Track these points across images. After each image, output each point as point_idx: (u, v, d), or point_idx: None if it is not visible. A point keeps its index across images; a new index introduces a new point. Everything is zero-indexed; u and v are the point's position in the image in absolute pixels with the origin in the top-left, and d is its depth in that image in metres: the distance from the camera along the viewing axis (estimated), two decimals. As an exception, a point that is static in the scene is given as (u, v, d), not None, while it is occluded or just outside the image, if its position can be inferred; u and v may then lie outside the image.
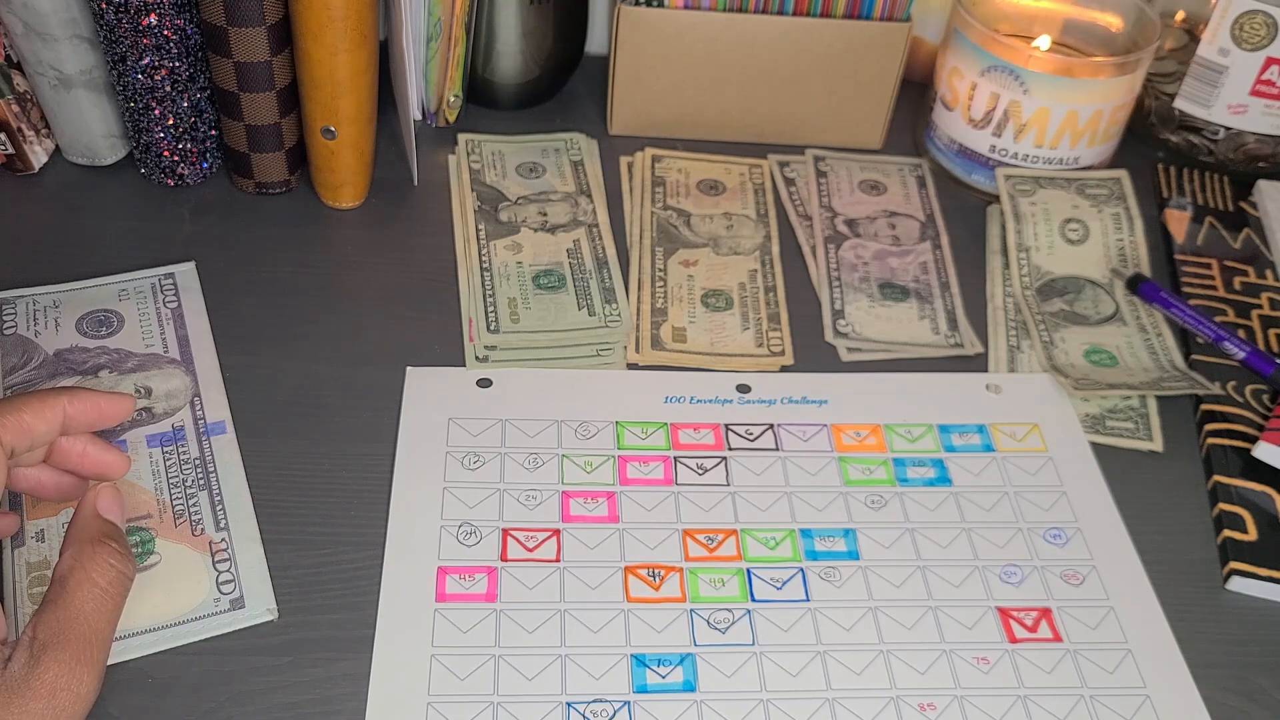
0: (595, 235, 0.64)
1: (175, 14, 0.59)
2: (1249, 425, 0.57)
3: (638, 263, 0.63)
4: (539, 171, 0.67)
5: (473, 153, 0.69)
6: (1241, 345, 0.60)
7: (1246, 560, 0.51)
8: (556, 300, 0.59)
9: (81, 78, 0.62)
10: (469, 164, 0.68)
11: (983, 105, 0.68)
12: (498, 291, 0.59)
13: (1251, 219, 0.70)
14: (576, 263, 0.62)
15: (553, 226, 0.64)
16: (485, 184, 0.67)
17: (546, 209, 0.66)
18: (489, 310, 0.58)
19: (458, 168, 0.68)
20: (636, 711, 0.44)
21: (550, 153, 0.70)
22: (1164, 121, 0.75)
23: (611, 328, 0.58)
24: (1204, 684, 0.46)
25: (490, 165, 0.68)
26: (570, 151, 0.70)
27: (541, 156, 0.69)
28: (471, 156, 0.68)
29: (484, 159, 0.68)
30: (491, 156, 0.69)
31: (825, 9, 0.68)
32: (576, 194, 0.67)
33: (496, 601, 0.47)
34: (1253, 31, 0.68)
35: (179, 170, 0.65)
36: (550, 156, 0.69)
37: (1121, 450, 0.56)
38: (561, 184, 0.68)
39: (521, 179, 0.67)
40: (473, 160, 0.68)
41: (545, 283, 0.60)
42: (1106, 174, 0.69)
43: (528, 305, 0.58)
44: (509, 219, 0.64)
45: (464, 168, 0.68)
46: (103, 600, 0.40)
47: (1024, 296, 0.63)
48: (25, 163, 0.65)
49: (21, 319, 0.56)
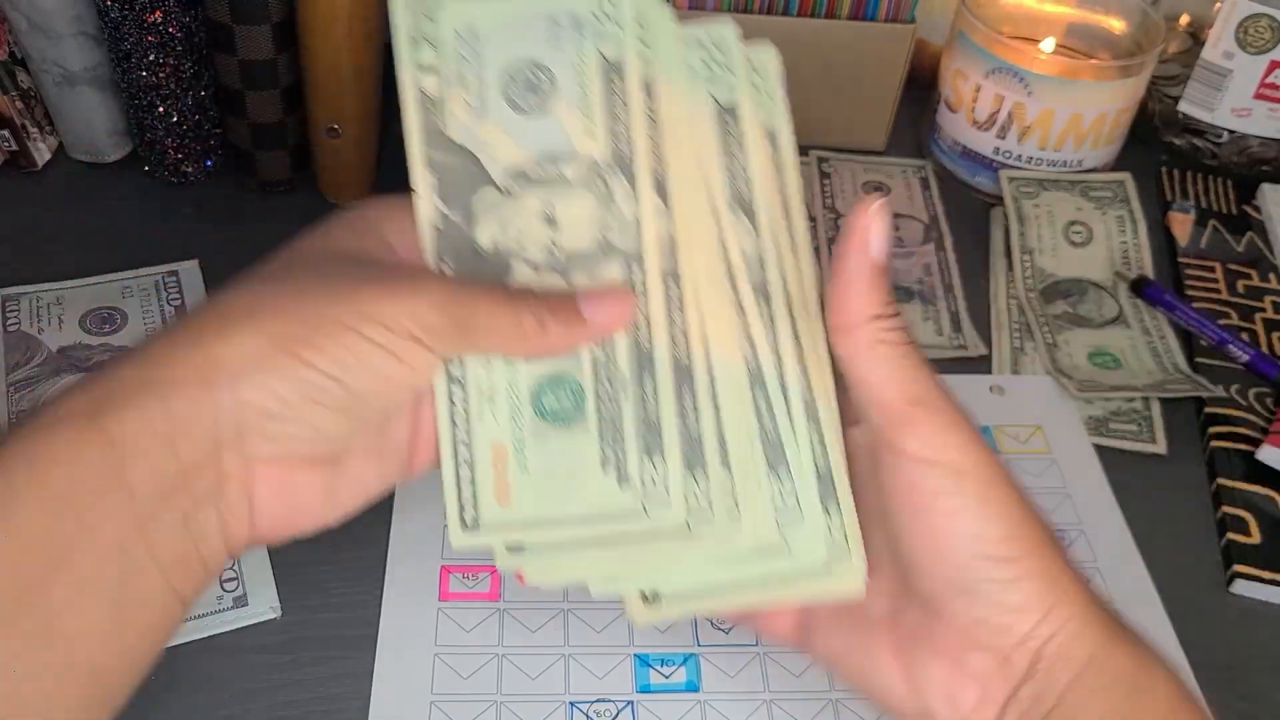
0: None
1: (180, 11, 0.59)
2: (1252, 428, 0.57)
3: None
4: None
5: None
6: (1245, 348, 0.60)
7: (1250, 563, 0.51)
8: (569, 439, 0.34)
9: (86, 74, 0.62)
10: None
11: (987, 107, 0.68)
12: (473, 432, 0.34)
13: (1255, 222, 0.70)
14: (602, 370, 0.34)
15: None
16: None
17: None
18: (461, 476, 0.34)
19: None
20: (640, 711, 0.44)
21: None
22: (1168, 124, 0.75)
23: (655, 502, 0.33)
24: (1207, 686, 0.46)
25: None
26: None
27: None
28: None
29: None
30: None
31: (829, 10, 0.68)
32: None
33: (499, 600, 0.47)
34: (1257, 35, 0.68)
35: (183, 168, 0.65)
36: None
37: (1125, 453, 0.56)
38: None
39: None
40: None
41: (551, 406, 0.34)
42: (1110, 176, 0.69)
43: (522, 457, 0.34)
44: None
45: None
46: (505, 317, 0.32)
47: (1027, 299, 0.63)
48: (29, 159, 0.65)
49: (25, 316, 0.56)
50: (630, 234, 0.33)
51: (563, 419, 0.33)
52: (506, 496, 0.33)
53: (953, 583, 0.31)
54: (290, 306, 0.30)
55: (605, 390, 0.33)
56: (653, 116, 0.33)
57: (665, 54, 0.33)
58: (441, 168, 0.33)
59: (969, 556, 0.30)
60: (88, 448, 0.28)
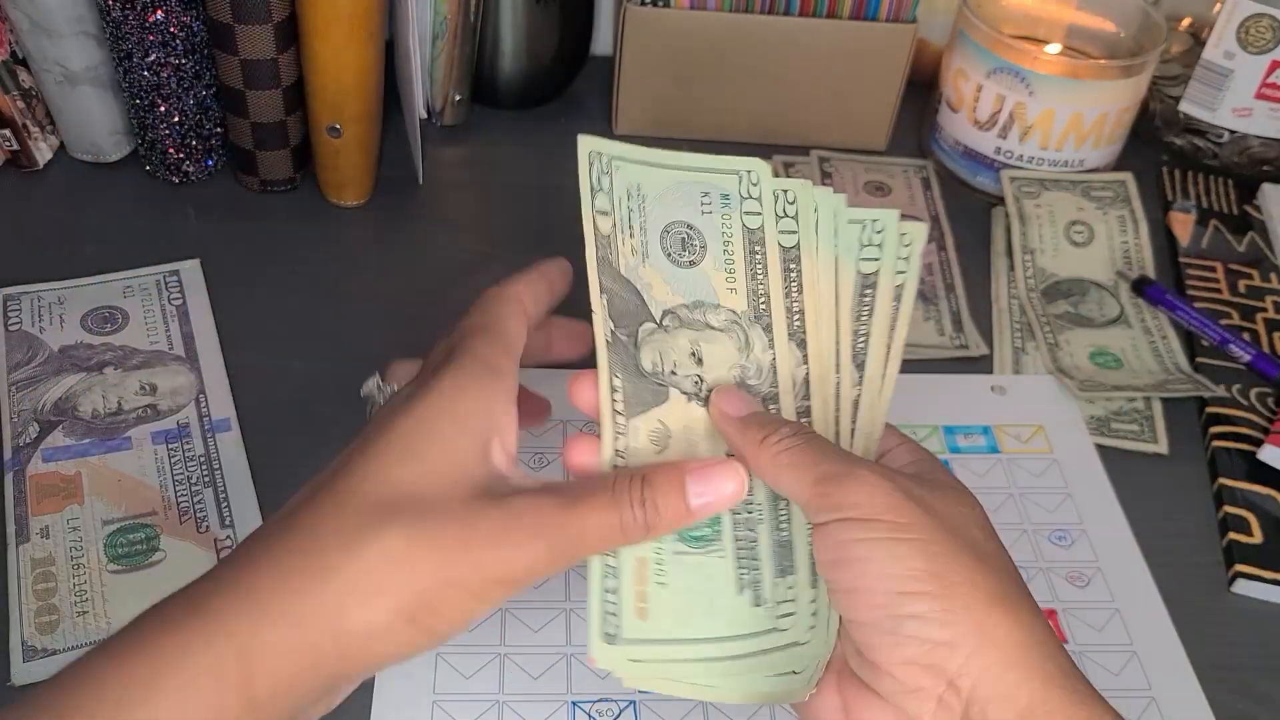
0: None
1: (181, 10, 0.59)
2: (1254, 428, 0.57)
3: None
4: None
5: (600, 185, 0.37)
6: (1247, 348, 0.60)
7: (1251, 563, 0.51)
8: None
9: (87, 74, 0.62)
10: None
11: (988, 107, 0.68)
12: (621, 550, 0.35)
13: (1256, 222, 0.70)
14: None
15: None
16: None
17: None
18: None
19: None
20: (641, 711, 0.44)
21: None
22: (1169, 124, 0.75)
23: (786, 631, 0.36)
24: (1209, 686, 0.46)
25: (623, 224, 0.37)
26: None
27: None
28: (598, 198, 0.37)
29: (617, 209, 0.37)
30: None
31: (830, 10, 0.68)
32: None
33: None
34: (1258, 35, 0.68)
35: (184, 167, 0.65)
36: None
37: (1126, 452, 0.56)
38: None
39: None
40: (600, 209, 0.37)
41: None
42: (1111, 176, 0.69)
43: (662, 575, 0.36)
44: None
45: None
46: (610, 522, 0.33)
47: (1029, 298, 0.63)
48: (30, 159, 0.65)
49: (26, 315, 0.56)
50: (767, 378, 0.37)
51: (701, 542, 0.36)
52: (645, 613, 0.35)
53: (877, 625, 0.31)
54: (421, 570, 0.31)
55: (742, 517, 0.36)
56: (795, 278, 0.37)
57: (821, 229, 0.37)
58: (611, 294, 0.36)
59: (884, 595, 0.31)
60: (227, 694, 0.29)
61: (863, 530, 0.32)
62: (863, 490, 0.32)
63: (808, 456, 0.33)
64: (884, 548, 0.31)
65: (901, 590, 0.31)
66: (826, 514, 0.32)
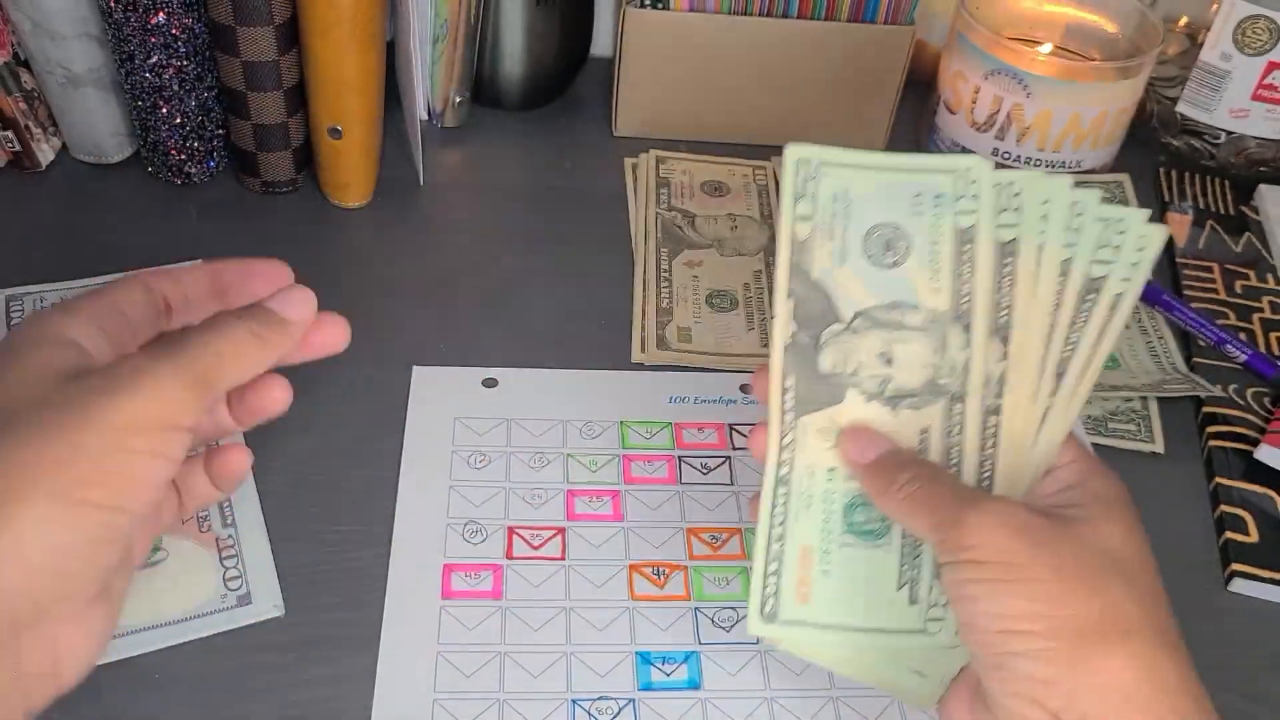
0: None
1: (183, 12, 0.59)
2: (1250, 428, 0.57)
3: (643, 263, 0.63)
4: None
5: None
6: (1243, 348, 0.60)
7: (1248, 562, 0.51)
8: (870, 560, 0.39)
9: (89, 76, 0.62)
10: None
11: (986, 108, 0.69)
12: (788, 532, 0.38)
13: (1253, 223, 0.71)
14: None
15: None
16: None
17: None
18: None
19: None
20: (641, 709, 0.44)
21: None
22: (1166, 125, 0.75)
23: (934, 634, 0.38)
24: (1206, 685, 0.46)
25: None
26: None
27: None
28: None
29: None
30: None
31: (829, 12, 0.69)
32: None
33: (502, 599, 0.47)
34: (1254, 36, 0.69)
35: (186, 169, 0.65)
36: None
37: (1123, 452, 0.56)
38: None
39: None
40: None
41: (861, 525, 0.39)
42: (1108, 177, 0.69)
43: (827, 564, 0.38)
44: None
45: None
46: (227, 347, 0.33)
47: (1027, 299, 0.63)
48: (32, 160, 0.65)
49: (28, 315, 0.56)
50: (958, 377, 0.37)
51: (869, 536, 0.38)
52: (807, 597, 0.38)
53: (986, 661, 0.33)
54: (54, 452, 0.29)
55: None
56: (1009, 273, 0.37)
57: (1052, 222, 0.36)
58: (800, 298, 0.37)
59: (990, 634, 0.32)
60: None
61: (975, 571, 0.33)
62: (976, 534, 0.33)
63: (927, 502, 0.35)
64: (991, 588, 0.32)
65: (1005, 629, 0.32)
66: (946, 556, 0.34)
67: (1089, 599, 0.32)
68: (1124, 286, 0.36)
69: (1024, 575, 0.32)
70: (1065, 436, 0.37)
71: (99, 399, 0.30)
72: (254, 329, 0.34)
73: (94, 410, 0.30)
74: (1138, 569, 0.34)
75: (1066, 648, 0.31)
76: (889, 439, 0.37)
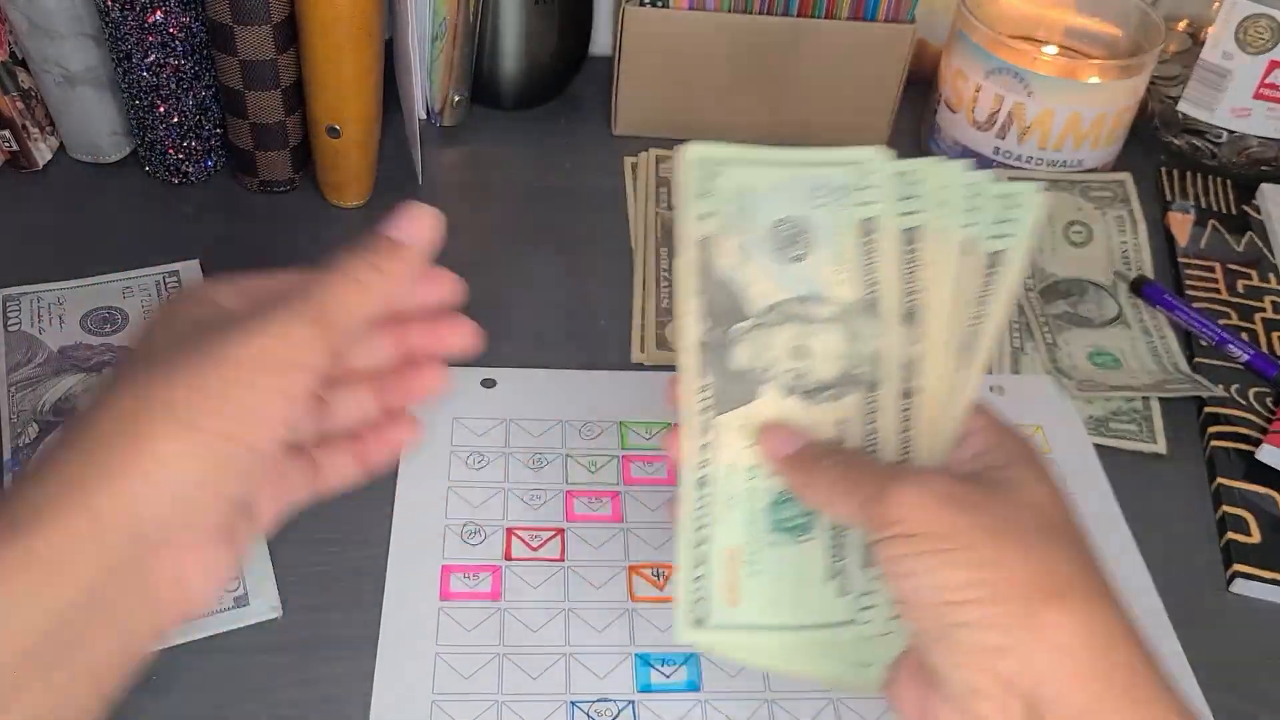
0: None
1: (181, 11, 0.59)
2: (1252, 428, 0.57)
3: (643, 263, 0.63)
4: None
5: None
6: (1245, 348, 0.60)
7: (1250, 563, 0.51)
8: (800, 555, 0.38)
9: (86, 75, 0.62)
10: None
11: (987, 107, 0.68)
12: (713, 535, 0.38)
13: (1254, 222, 0.71)
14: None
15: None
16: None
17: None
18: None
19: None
20: (640, 711, 0.44)
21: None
22: (1167, 125, 0.75)
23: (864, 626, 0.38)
24: (1207, 686, 0.46)
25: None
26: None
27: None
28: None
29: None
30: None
31: (829, 10, 0.68)
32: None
33: (501, 600, 0.47)
34: (1257, 35, 0.69)
35: (183, 168, 0.65)
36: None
37: (1125, 452, 0.56)
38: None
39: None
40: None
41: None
42: (1110, 177, 0.69)
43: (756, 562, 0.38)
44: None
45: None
46: (346, 283, 0.34)
47: (1027, 298, 0.63)
48: (30, 160, 0.65)
49: (26, 315, 0.56)
50: (871, 366, 0.37)
51: (795, 531, 0.38)
52: (736, 600, 0.37)
53: (930, 634, 0.32)
54: (182, 383, 0.32)
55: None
56: (914, 258, 0.37)
57: (951, 206, 0.36)
58: (706, 296, 0.37)
59: (933, 607, 0.32)
60: (11, 568, 0.29)
61: (907, 545, 0.32)
62: (903, 506, 0.32)
63: (850, 483, 0.34)
64: (927, 560, 0.32)
65: (947, 600, 0.31)
66: (875, 533, 0.33)
67: (1026, 559, 0.31)
68: (1011, 246, 0.36)
69: (959, 543, 0.31)
70: (969, 403, 0.37)
71: (226, 338, 0.32)
72: (370, 259, 0.35)
73: (221, 348, 0.32)
74: (1066, 526, 0.33)
75: (1013, 611, 0.31)
76: (806, 433, 0.37)
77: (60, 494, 0.30)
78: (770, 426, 0.37)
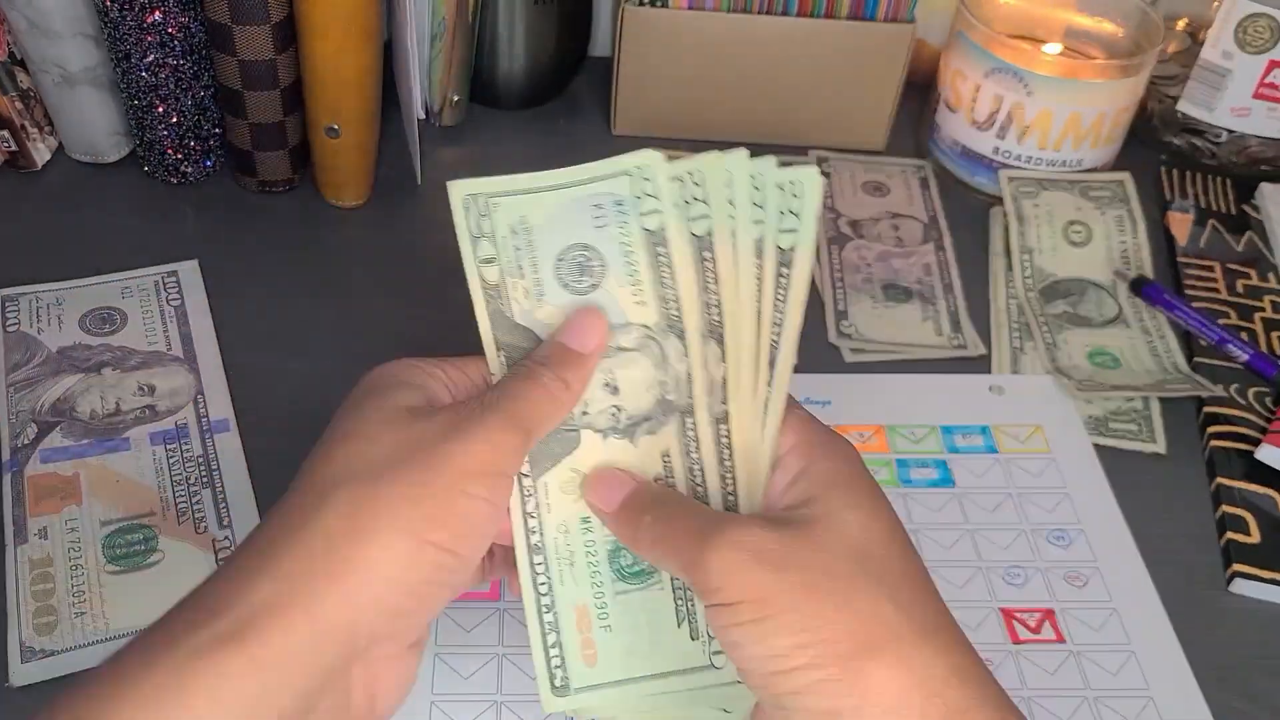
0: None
1: (180, 11, 0.59)
2: (1251, 427, 0.57)
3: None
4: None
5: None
6: (1244, 348, 0.60)
7: (1249, 562, 0.51)
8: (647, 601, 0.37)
9: (85, 75, 0.62)
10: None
11: (986, 107, 0.68)
12: (557, 598, 0.37)
13: (1254, 222, 0.71)
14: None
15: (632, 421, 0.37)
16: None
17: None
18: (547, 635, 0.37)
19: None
20: (640, 711, 0.44)
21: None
22: (1167, 124, 0.75)
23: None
24: (1207, 686, 0.46)
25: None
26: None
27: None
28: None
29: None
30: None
31: (829, 10, 0.68)
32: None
33: (500, 600, 0.47)
34: (1256, 35, 0.68)
35: (182, 168, 0.65)
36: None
37: (1124, 452, 0.56)
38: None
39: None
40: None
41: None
42: (1109, 176, 0.69)
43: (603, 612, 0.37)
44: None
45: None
46: (541, 393, 0.34)
47: (1027, 298, 0.63)
48: (28, 160, 0.65)
49: (25, 316, 0.56)
50: (684, 389, 0.35)
51: (640, 577, 0.36)
52: (594, 659, 0.36)
53: (767, 703, 0.32)
54: (405, 490, 0.31)
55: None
56: (710, 268, 0.34)
57: (739, 202, 0.34)
58: (509, 347, 0.35)
59: (761, 677, 0.31)
60: (237, 679, 0.29)
61: (729, 616, 0.31)
62: (721, 574, 0.31)
63: (671, 542, 0.33)
64: (749, 631, 0.31)
65: (774, 670, 0.30)
66: (701, 599, 0.32)
67: (844, 613, 0.30)
68: (800, 241, 0.33)
69: (776, 608, 0.30)
70: (781, 419, 0.35)
71: (444, 443, 0.32)
72: (558, 374, 0.35)
73: (440, 453, 0.32)
74: (884, 560, 0.32)
75: (837, 673, 0.30)
76: (632, 476, 0.35)
77: (281, 593, 0.30)
78: (594, 475, 0.36)
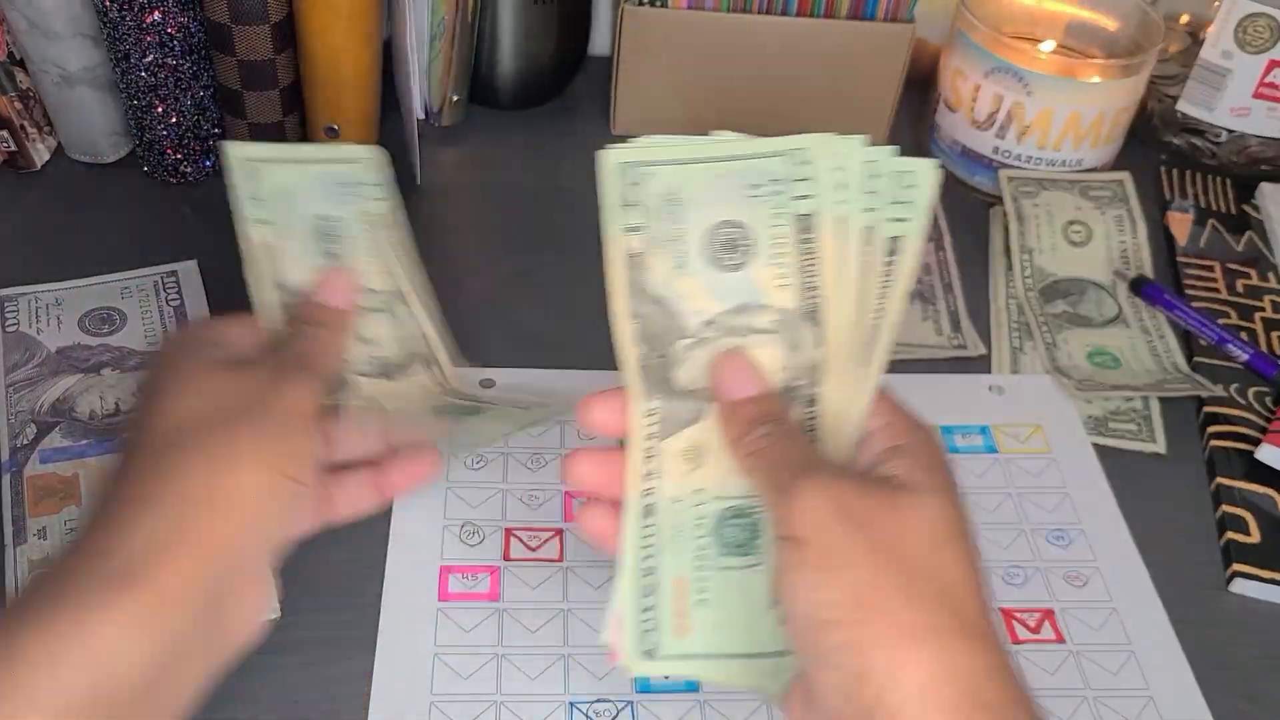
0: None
1: (179, 11, 0.59)
2: (1251, 427, 0.57)
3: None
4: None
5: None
6: (1244, 347, 0.60)
7: (1249, 562, 0.51)
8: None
9: (85, 75, 0.62)
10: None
11: (986, 107, 0.68)
12: (661, 566, 0.36)
13: (1254, 221, 0.71)
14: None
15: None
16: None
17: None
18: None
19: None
20: (639, 711, 0.44)
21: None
22: (1167, 124, 0.75)
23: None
24: (1206, 686, 0.46)
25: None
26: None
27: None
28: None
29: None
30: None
31: (828, 10, 0.68)
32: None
33: (499, 601, 0.47)
34: (1256, 34, 0.68)
35: (182, 168, 0.65)
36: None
37: (1124, 452, 0.56)
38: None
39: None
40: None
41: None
42: (1109, 176, 0.69)
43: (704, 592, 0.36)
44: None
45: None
46: (318, 347, 0.41)
47: (1027, 298, 0.63)
48: (28, 160, 0.65)
49: (24, 316, 0.56)
50: (810, 377, 0.35)
51: (740, 551, 0.36)
52: (686, 630, 0.36)
53: (807, 655, 0.32)
54: (259, 429, 0.36)
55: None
56: (810, 250, 0.34)
57: (853, 189, 0.34)
58: (643, 317, 0.35)
59: (808, 624, 0.31)
60: (133, 607, 0.32)
61: (794, 553, 0.31)
62: (801, 511, 0.31)
63: (770, 463, 0.33)
64: (808, 578, 0.31)
65: (822, 620, 0.31)
66: (775, 530, 0.32)
67: (902, 587, 0.30)
68: (910, 230, 0.33)
69: (839, 562, 0.31)
70: (871, 401, 0.35)
71: (277, 389, 0.37)
72: (322, 327, 0.42)
73: (279, 396, 0.37)
74: (956, 544, 0.32)
75: (878, 642, 0.30)
76: (765, 379, 0.35)
77: (166, 530, 0.33)
78: (730, 359, 0.35)
